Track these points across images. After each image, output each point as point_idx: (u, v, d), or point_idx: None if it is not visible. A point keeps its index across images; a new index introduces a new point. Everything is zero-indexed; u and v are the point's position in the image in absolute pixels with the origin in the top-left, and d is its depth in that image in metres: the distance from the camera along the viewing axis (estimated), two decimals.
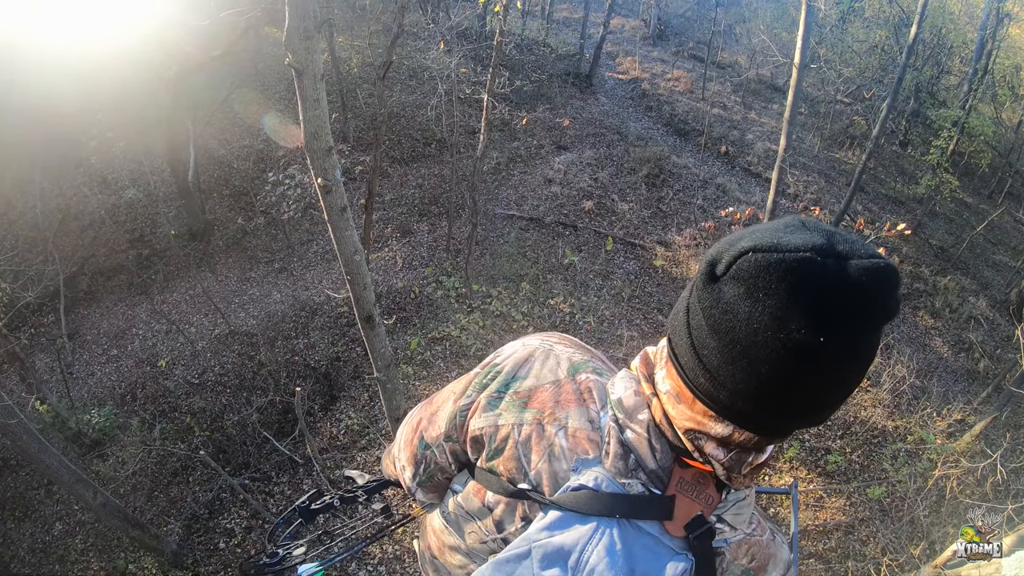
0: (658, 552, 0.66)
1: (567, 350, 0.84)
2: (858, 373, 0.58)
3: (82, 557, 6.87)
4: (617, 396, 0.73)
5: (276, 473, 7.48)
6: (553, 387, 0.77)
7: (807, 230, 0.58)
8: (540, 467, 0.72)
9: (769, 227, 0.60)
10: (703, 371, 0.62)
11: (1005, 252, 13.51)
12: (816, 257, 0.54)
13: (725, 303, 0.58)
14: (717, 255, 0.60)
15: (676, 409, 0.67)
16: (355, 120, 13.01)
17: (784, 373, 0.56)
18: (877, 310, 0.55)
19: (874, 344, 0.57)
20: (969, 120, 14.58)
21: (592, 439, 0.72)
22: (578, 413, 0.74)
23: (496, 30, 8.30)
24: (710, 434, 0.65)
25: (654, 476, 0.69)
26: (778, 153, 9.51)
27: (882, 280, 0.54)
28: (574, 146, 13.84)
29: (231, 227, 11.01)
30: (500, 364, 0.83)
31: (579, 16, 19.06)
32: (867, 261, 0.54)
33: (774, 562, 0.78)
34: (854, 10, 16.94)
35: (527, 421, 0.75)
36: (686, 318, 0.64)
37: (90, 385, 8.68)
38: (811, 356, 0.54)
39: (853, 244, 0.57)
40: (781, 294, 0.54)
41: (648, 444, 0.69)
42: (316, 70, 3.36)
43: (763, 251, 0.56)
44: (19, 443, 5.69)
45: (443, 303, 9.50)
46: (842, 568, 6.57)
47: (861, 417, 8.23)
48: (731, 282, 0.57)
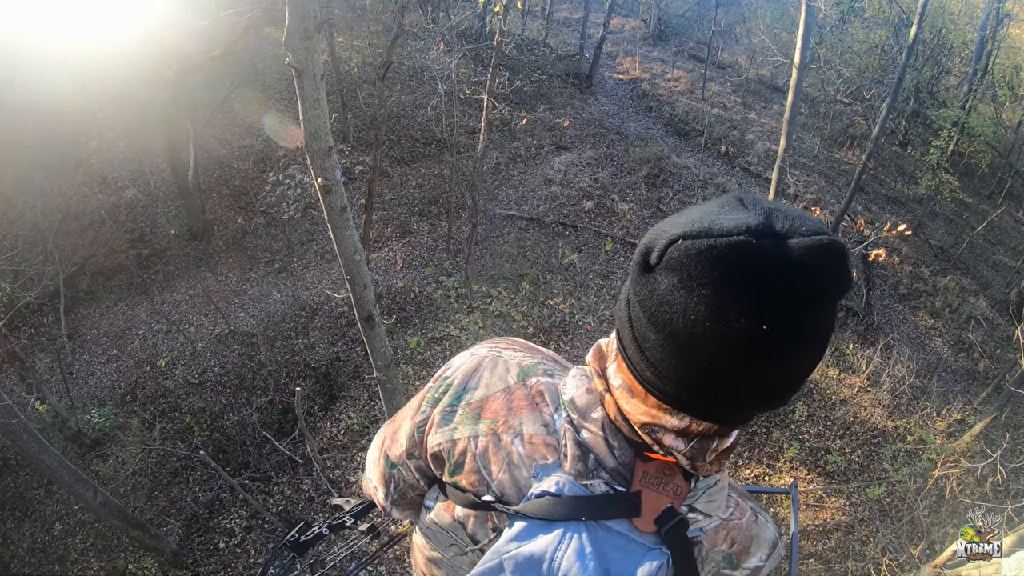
0: (631, 550, 0.64)
1: (516, 355, 0.82)
2: (812, 355, 0.55)
3: (82, 557, 6.87)
4: (569, 396, 0.71)
5: (276, 473, 7.48)
6: (504, 395, 0.75)
7: (744, 209, 0.55)
8: (501, 477, 0.71)
9: (703, 209, 0.57)
10: (648, 364, 0.60)
11: (1005, 252, 13.51)
12: (751, 240, 0.50)
13: (660, 295, 0.55)
14: (650, 243, 0.57)
15: (630, 403, 0.65)
16: (355, 120, 13.01)
17: (729, 364, 0.53)
18: (823, 290, 0.52)
19: (826, 324, 0.54)
20: (969, 120, 14.59)
21: (549, 443, 0.70)
22: (532, 418, 0.72)
23: (496, 30, 8.30)
24: (666, 427, 0.62)
25: (616, 474, 0.67)
26: (778, 153, 9.51)
27: (826, 258, 0.51)
28: (574, 146, 13.84)
29: (231, 227, 11.01)
30: (450, 377, 0.81)
31: (579, 16, 19.06)
32: (808, 239, 0.51)
33: (757, 543, 0.75)
34: (854, 10, 16.94)
35: (482, 433, 0.73)
36: (627, 310, 0.62)
37: (90, 385, 8.68)
38: (755, 345, 0.51)
39: (794, 221, 0.53)
40: (716, 283, 0.51)
41: (605, 442, 0.67)
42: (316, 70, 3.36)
43: (693, 237, 0.52)
44: (19, 443, 5.69)
45: (443, 303, 9.50)
46: (842, 568, 6.57)
47: (861, 417, 8.23)
48: (664, 272, 0.54)
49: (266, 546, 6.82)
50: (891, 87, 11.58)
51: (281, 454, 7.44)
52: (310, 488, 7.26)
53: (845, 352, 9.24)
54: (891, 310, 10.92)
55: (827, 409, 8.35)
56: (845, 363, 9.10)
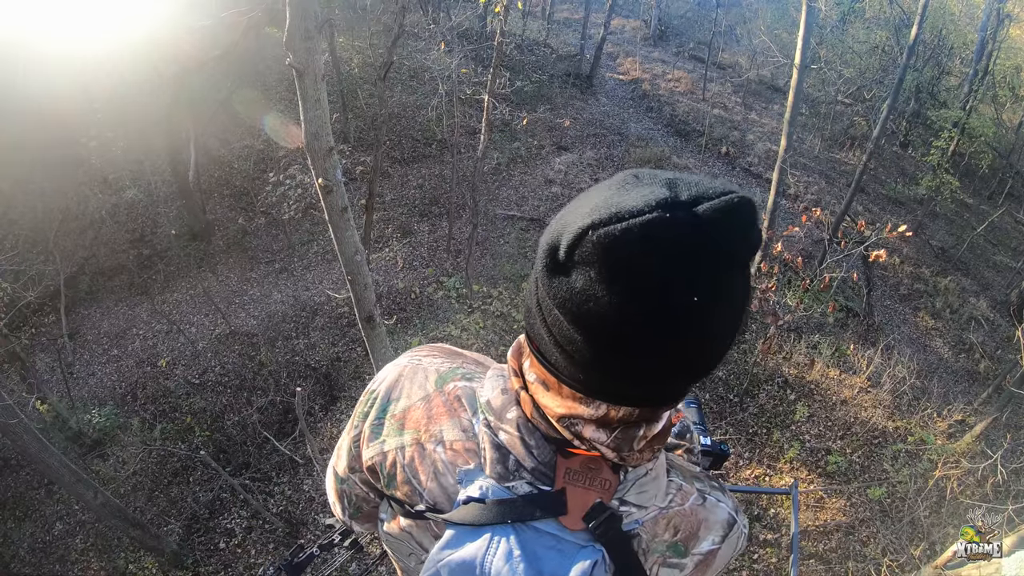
0: (563, 549, 0.63)
1: (435, 361, 0.81)
2: (739, 315, 0.54)
3: (82, 557, 6.88)
4: (485, 398, 0.70)
5: (276, 473, 7.49)
6: (424, 403, 0.75)
7: (643, 184, 0.53)
8: (431, 486, 0.71)
9: (600, 193, 0.54)
10: (566, 359, 0.57)
11: (1005, 253, 13.51)
12: (664, 213, 0.48)
13: (580, 293, 0.51)
14: (554, 240, 0.54)
15: (546, 397, 0.63)
16: (356, 120, 13.02)
17: (662, 344, 0.51)
18: (741, 248, 0.51)
19: (746, 282, 0.53)
20: (969, 121, 14.58)
21: (469, 448, 0.69)
22: (451, 424, 0.71)
23: (497, 31, 8.30)
24: (584, 417, 0.60)
25: (538, 473, 0.65)
26: (779, 154, 9.52)
27: (740, 215, 0.50)
28: (575, 147, 13.84)
29: (232, 227, 11.01)
30: (375, 390, 0.81)
31: (580, 17, 19.06)
32: (718, 200, 0.49)
33: (706, 526, 0.72)
34: (855, 11, 16.94)
35: (407, 443, 0.73)
36: (540, 314, 0.58)
37: (90, 385, 8.69)
38: (688, 319, 0.50)
39: (698, 186, 0.52)
40: (639, 268, 0.49)
41: (522, 442, 0.65)
42: (317, 70, 3.36)
43: (604, 224, 0.49)
44: (19, 443, 5.69)
45: (444, 303, 9.50)
46: (842, 569, 6.57)
47: (861, 418, 8.22)
48: (579, 268, 0.51)
49: (266, 546, 6.82)
50: (892, 88, 11.58)
51: (281, 454, 7.44)
52: (311, 488, 7.27)
53: (846, 352, 9.24)
54: (892, 311, 10.92)
55: (827, 410, 8.34)
56: (846, 363, 9.10)
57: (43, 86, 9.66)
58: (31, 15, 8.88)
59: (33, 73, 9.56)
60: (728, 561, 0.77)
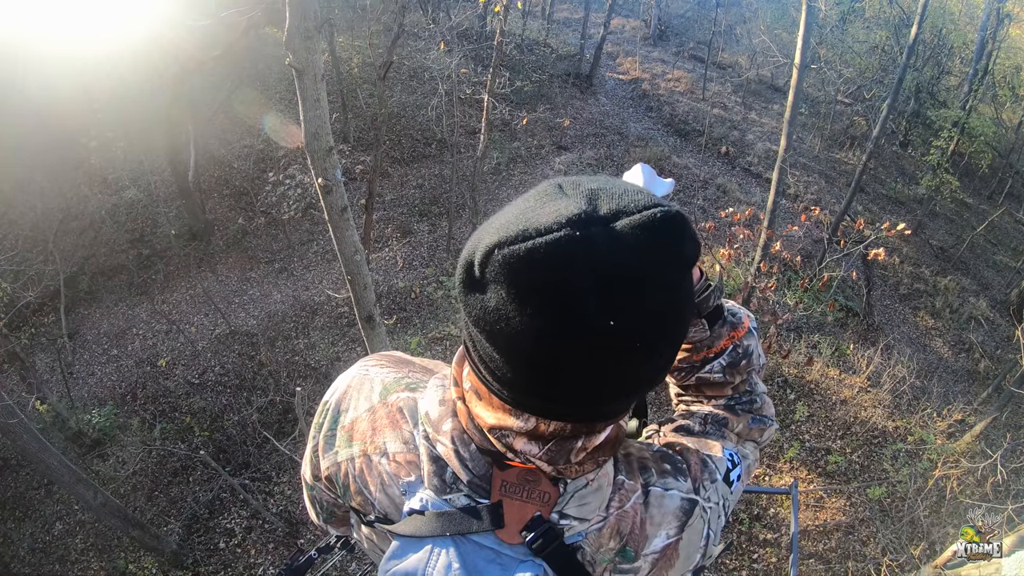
0: (503, 564, 0.61)
1: (382, 371, 0.80)
2: (672, 331, 0.52)
3: (82, 557, 6.88)
4: (424, 410, 0.68)
5: (276, 473, 7.49)
6: (368, 415, 0.74)
7: (563, 196, 0.50)
8: (379, 497, 0.70)
9: (519, 206, 0.51)
10: (488, 373, 0.56)
11: (1005, 253, 13.51)
12: (574, 232, 0.45)
13: (492, 312, 0.49)
14: (469, 256, 0.51)
15: (479, 406, 0.61)
16: (355, 120, 13.01)
17: (583, 366, 0.49)
18: (665, 266, 0.48)
19: (678, 296, 0.51)
20: (969, 121, 14.59)
21: (411, 460, 0.68)
22: (393, 436, 0.70)
23: (497, 30, 8.30)
24: (513, 429, 0.58)
25: (475, 486, 0.64)
26: (778, 153, 9.51)
27: (664, 232, 0.47)
28: (574, 146, 13.84)
29: (231, 227, 11.01)
30: (328, 401, 0.81)
31: (579, 16, 19.06)
32: (639, 216, 0.46)
33: (652, 523, 0.68)
34: (854, 11, 16.94)
35: (356, 454, 0.73)
36: (465, 324, 0.56)
37: (90, 385, 8.69)
38: (605, 342, 0.47)
39: (621, 197, 0.48)
40: (547, 290, 0.46)
41: (457, 455, 0.64)
42: (317, 70, 3.36)
43: (510, 244, 0.47)
44: (19, 443, 5.69)
45: (443, 303, 9.50)
46: (842, 568, 6.57)
47: (861, 417, 8.23)
48: (491, 286, 0.49)
49: (266, 546, 6.82)
50: (891, 87, 11.59)
51: (281, 454, 7.44)
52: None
53: (845, 352, 9.24)
54: (891, 310, 10.93)
55: (827, 409, 8.35)
56: (845, 363, 9.11)
57: (43, 86, 9.65)
58: (31, 15, 8.88)
59: (33, 73, 9.56)
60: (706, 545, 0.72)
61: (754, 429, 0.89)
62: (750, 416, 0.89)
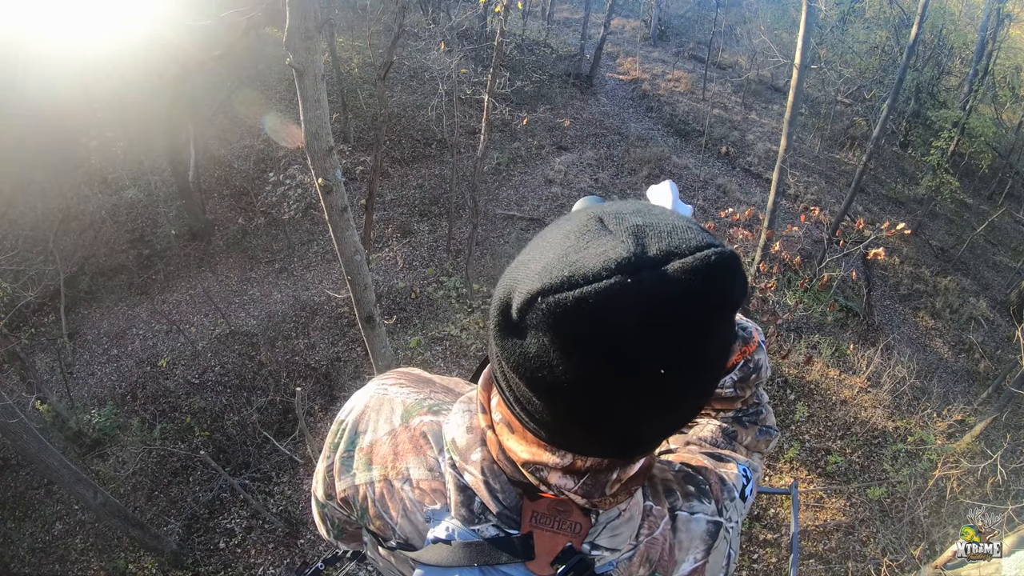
0: None
1: (402, 391, 0.78)
2: (719, 369, 0.50)
3: (82, 557, 6.88)
4: (451, 436, 0.66)
5: (276, 473, 7.49)
6: (390, 438, 0.72)
7: (607, 233, 0.47)
8: (401, 523, 0.69)
9: (559, 245, 0.48)
10: (526, 414, 0.54)
11: (1005, 253, 13.52)
12: (626, 279, 0.43)
13: (533, 358, 0.47)
14: (505, 297, 0.49)
15: (511, 440, 0.60)
16: (356, 120, 13.02)
17: (629, 412, 0.48)
18: (720, 310, 0.46)
19: (724, 338, 0.49)
20: (969, 121, 14.59)
21: (436, 488, 0.67)
22: (417, 463, 0.69)
23: (497, 31, 8.30)
24: (548, 465, 0.57)
25: (504, 517, 0.62)
26: (778, 154, 9.52)
27: (718, 276, 0.45)
28: (575, 146, 13.85)
29: (231, 227, 11.01)
30: (344, 421, 0.79)
31: (580, 17, 19.07)
32: (692, 259, 0.44)
33: (681, 548, 0.68)
34: (855, 11, 16.94)
35: (376, 479, 0.71)
36: (499, 365, 0.54)
37: (90, 385, 8.69)
38: (653, 389, 0.46)
39: (671, 236, 0.46)
40: (596, 339, 0.43)
41: (487, 486, 0.62)
42: (317, 70, 3.36)
43: (555, 291, 0.44)
44: (19, 443, 5.70)
45: (444, 303, 9.50)
46: (842, 569, 6.57)
47: (861, 418, 8.23)
48: (531, 332, 0.46)
49: (266, 546, 6.82)
50: (891, 88, 11.59)
51: (281, 454, 7.45)
52: (310, 488, 7.27)
53: (845, 352, 9.24)
54: (891, 311, 10.93)
55: (827, 410, 8.35)
56: (845, 363, 9.11)
57: (43, 86, 9.65)
58: (31, 16, 8.88)
59: (33, 73, 9.56)
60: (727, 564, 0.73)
61: (761, 440, 0.90)
62: (757, 428, 0.90)
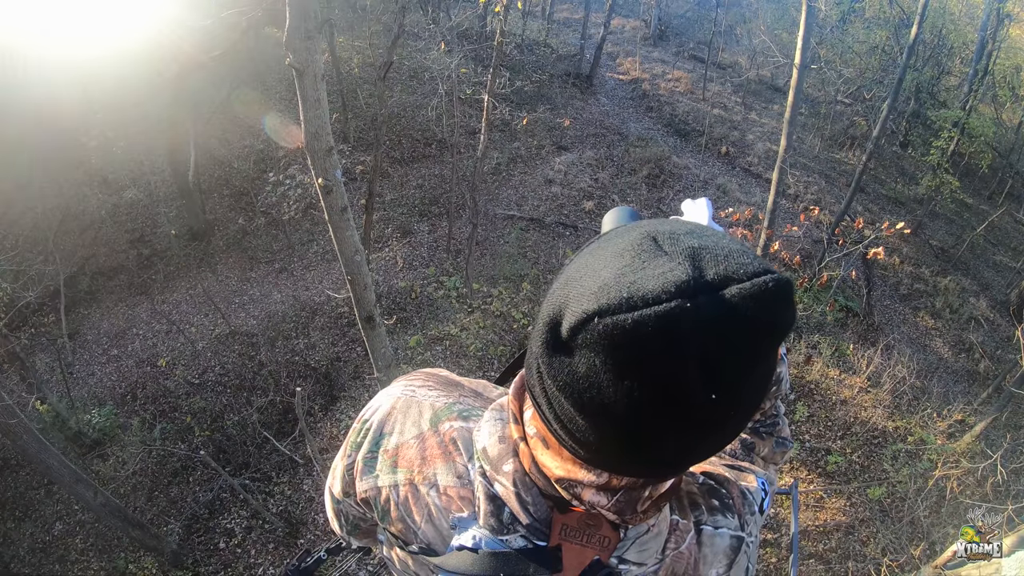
0: None
1: (431, 394, 0.77)
2: (761, 395, 0.50)
3: (82, 557, 6.88)
4: (482, 445, 0.66)
5: (276, 473, 7.49)
6: (417, 442, 0.71)
7: (663, 254, 0.46)
8: (425, 528, 0.69)
9: (614, 264, 0.47)
10: (566, 433, 0.53)
11: (1005, 253, 13.51)
12: (685, 303, 0.42)
13: (584, 379, 0.46)
14: (556, 315, 0.48)
15: (545, 455, 0.59)
16: (355, 120, 13.02)
17: (676, 437, 0.48)
18: (772, 336, 0.46)
19: (771, 364, 0.48)
20: (969, 121, 14.59)
21: (464, 496, 0.66)
22: (445, 469, 0.68)
23: (497, 31, 8.30)
24: (583, 483, 0.57)
25: (533, 528, 0.62)
26: (779, 154, 9.52)
27: (773, 304, 0.44)
28: (574, 146, 13.84)
29: (231, 227, 11.01)
30: (368, 420, 0.78)
31: (580, 17, 19.07)
32: (750, 285, 0.44)
33: (706, 562, 0.68)
34: (855, 11, 16.95)
35: (401, 482, 0.71)
36: (540, 381, 0.53)
37: (90, 385, 8.69)
38: (704, 415, 0.46)
39: (728, 260, 0.45)
40: (652, 363, 0.43)
41: (518, 498, 0.62)
42: (317, 70, 3.36)
43: (612, 313, 0.43)
44: (19, 443, 5.69)
45: (444, 303, 9.50)
46: (842, 569, 6.57)
47: (861, 418, 8.23)
48: (582, 352, 0.45)
49: (266, 546, 6.82)
50: (891, 87, 11.59)
51: (281, 454, 7.44)
52: (310, 488, 7.27)
53: (845, 352, 9.24)
54: (891, 310, 10.93)
55: (827, 409, 8.35)
56: (845, 363, 9.11)
57: (43, 86, 9.66)
58: (31, 16, 8.88)
59: (33, 73, 9.56)
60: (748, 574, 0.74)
61: (777, 452, 0.91)
62: (774, 439, 0.90)
